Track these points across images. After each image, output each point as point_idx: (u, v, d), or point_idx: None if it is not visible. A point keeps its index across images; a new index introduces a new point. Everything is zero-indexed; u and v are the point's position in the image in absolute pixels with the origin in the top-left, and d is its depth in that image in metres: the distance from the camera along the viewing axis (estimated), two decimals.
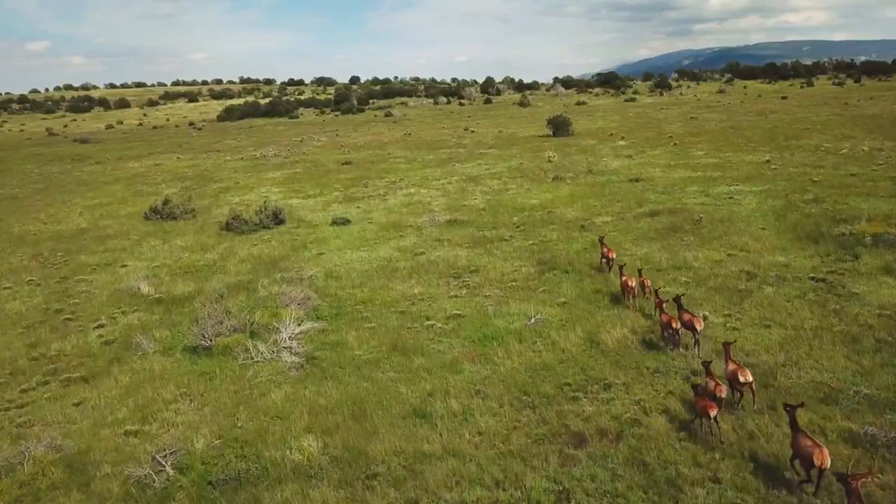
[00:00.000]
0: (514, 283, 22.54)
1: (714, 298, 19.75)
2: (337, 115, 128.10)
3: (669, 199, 34.18)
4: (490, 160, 55.34)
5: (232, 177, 56.39)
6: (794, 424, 11.24)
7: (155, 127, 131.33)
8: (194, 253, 30.56)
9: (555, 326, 18.42)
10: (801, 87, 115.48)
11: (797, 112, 76.56)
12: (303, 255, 28.72)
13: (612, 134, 66.64)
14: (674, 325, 16.15)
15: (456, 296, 21.85)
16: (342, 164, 59.49)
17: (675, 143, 55.15)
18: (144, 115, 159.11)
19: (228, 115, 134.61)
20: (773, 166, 41.08)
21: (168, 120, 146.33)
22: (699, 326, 15.94)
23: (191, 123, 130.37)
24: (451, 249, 27.68)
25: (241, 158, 70.34)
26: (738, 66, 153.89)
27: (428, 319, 19.83)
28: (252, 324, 19.24)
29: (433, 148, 67.89)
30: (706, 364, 13.69)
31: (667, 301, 17.40)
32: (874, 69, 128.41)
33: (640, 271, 20.33)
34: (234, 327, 18.99)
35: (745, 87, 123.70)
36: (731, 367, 13.66)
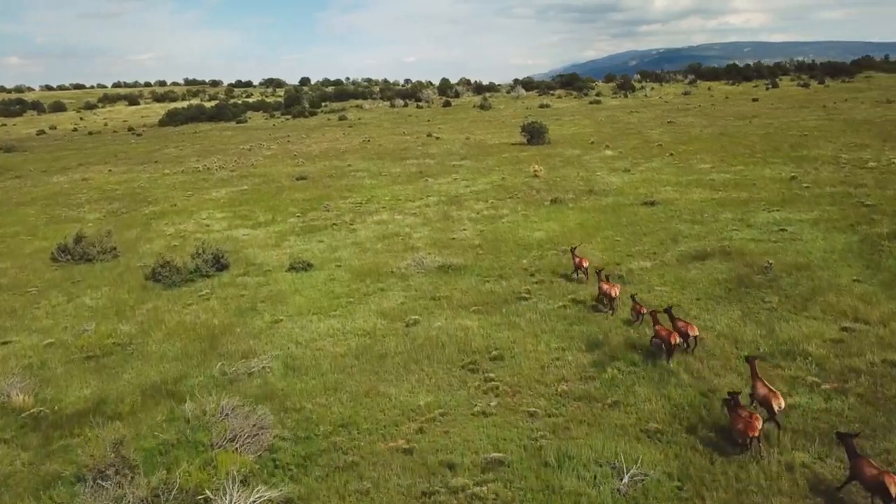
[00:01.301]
0: (564, 387, 15.28)
1: (876, 418, 12.88)
2: (288, 119, 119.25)
3: (706, 231, 27.44)
4: (466, 174, 48.09)
5: (169, 196, 47.93)
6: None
7: (91, 132, 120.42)
8: (106, 320, 22.52)
9: (666, 495, 11.22)
10: (767, 89, 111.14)
11: (780, 116, 71.22)
12: (252, 325, 20.99)
13: (593, 142, 60.05)
14: (673, 339, 15.70)
15: (484, 412, 14.50)
16: (297, 178, 51.52)
17: (670, 154, 48.73)
18: (81, 119, 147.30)
19: (171, 119, 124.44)
20: (803, 184, 34.83)
21: (106, 124, 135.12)
22: (693, 332, 16.08)
23: (130, 129, 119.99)
24: (455, 315, 20.31)
25: (182, 171, 61.68)
26: (701, 67, 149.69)
27: (451, 470, 12.42)
28: (170, 494, 11.56)
29: (398, 158, 60.31)
30: (733, 397, 12.42)
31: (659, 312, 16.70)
32: (836, 70, 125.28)
33: (633, 296, 19.10)
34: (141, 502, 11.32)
35: (709, 89, 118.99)
36: (762, 389, 12.67)
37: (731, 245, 25.02)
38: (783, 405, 12.48)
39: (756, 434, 11.65)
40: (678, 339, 15.73)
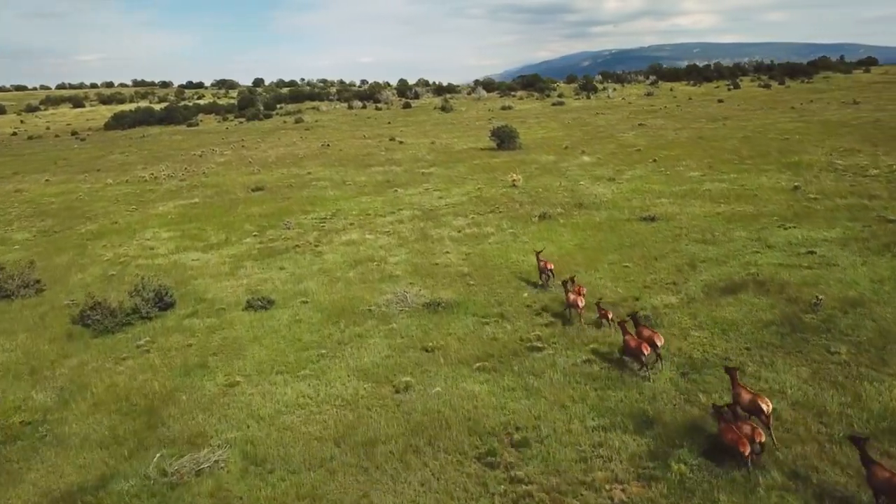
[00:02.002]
0: (621, 495, 11.40)
1: None
2: (241, 122, 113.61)
3: (724, 254, 23.97)
4: (439, 183, 44.11)
5: (110, 211, 42.86)
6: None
7: (31, 137, 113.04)
8: (16, 384, 17.94)
9: None
10: (730, 90, 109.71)
11: (752, 118, 68.95)
12: (201, 391, 16.66)
13: (566, 147, 56.61)
14: (645, 350, 15.17)
15: None
16: (252, 189, 46.88)
17: (653, 160, 45.50)
18: (21, 122, 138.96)
19: (118, 122, 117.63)
20: (809, 195, 31.78)
21: (48, 128, 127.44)
22: (660, 342, 15.60)
23: (74, 133, 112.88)
24: (456, 375, 16.30)
25: (127, 181, 56.39)
26: (661, 68, 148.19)
27: None
28: None
29: (361, 165, 55.99)
30: (718, 410, 12.33)
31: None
32: (795, 71, 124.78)
33: (597, 302, 18.90)
34: None
35: (671, 90, 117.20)
36: (746, 395, 12.58)
37: (761, 272, 21.53)
38: (771, 408, 12.31)
39: (747, 449, 11.34)
40: (650, 350, 15.33)
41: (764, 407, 12.24)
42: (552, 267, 22.11)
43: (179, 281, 26.19)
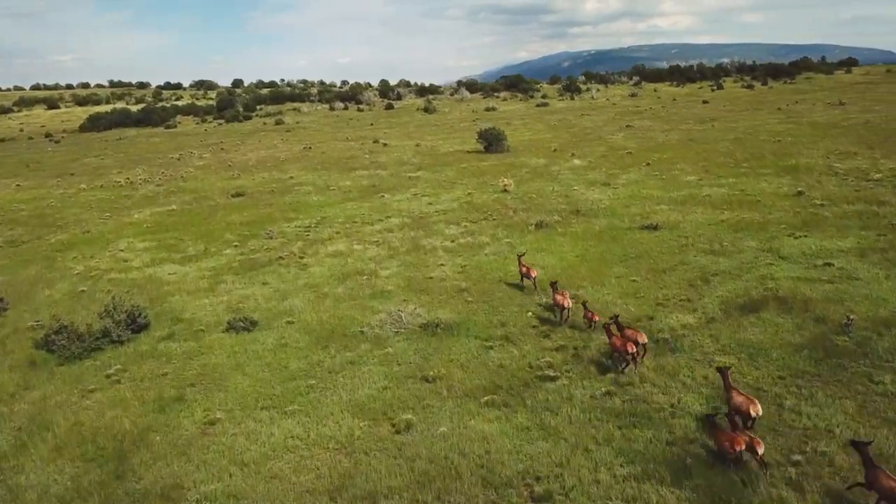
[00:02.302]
0: None
1: None
2: (221, 124, 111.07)
3: (736, 266, 22.53)
4: (427, 188, 42.43)
5: (82, 220, 40.69)
6: None
7: (3, 139, 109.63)
8: None
9: None
10: (713, 91, 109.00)
11: (740, 119, 67.98)
12: (178, 431, 14.84)
13: (555, 149, 55.17)
14: (630, 349, 15.29)
15: None
16: (233, 195, 44.90)
17: (647, 164, 44.15)
18: None
19: (94, 124, 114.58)
20: (814, 201, 30.52)
21: (21, 130, 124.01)
22: (642, 340, 15.76)
23: (48, 135, 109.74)
24: (462, 411, 14.64)
25: (101, 186, 54.10)
26: (644, 69, 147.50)
27: None
28: None
29: (345, 168, 54.17)
30: (711, 419, 12.20)
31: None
32: (777, 72, 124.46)
33: (584, 303, 18.67)
34: None
35: (655, 90, 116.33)
36: (738, 397, 12.54)
37: (780, 287, 20.08)
38: (760, 411, 12.33)
39: (742, 447, 11.34)
40: (634, 349, 15.40)
41: (753, 412, 12.29)
42: (535, 274, 21.82)
43: (155, 298, 24.30)
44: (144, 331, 20.87)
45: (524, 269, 21.91)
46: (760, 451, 11.34)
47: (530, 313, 19.80)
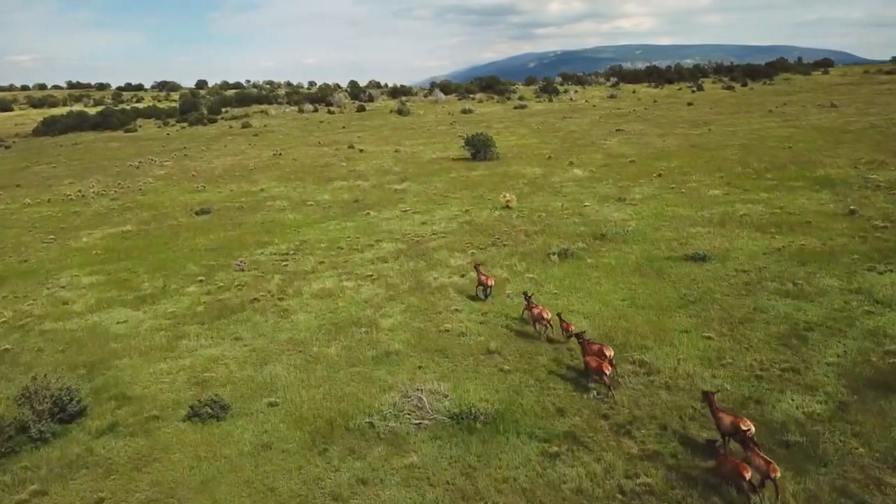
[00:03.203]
0: None
1: None
2: (184, 128, 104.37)
3: (828, 317, 17.97)
4: (417, 204, 37.37)
5: (21, 244, 34.78)
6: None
7: None
8: None
9: None
10: (693, 92, 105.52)
11: (735, 123, 64.10)
12: None
13: (549, 157, 50.49)
14: (605, 369, 14.51)
15: None
16: (197, 212, 39.28)
17: (658, 175, 39.67)
18: None
19: (48, 128, 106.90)
20: (873, 221, 26.41)
21: None
22: (609, 353, 15.07)
23: None
24: None
25: (49, 200, 47.92)
26: (622, 70, 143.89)
27: None
28: None
29: (321, 178, 48.82)
30: (712, 444, 11.63)
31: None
32: (755, 73, 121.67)
33: (559, 314, 17.96)
34: None
35: (634, 91, 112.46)
36: (728, 418, 11.98)
37: None
38: (752, 429, 11.69)
39: (748, 475, 10.66)
40: (610, 369, 14.62)
41: (744, 427, 11.68)
42: (492, 283, 21.38)
43: (97, 361, 18.88)
44: (79, 419, 15.47)
45: (482, 278, 21.27)
46: (775, 475, 10.68)
47: (594, 393, 14.87)
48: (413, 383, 15.62)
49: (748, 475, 10.61)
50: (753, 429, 11.77)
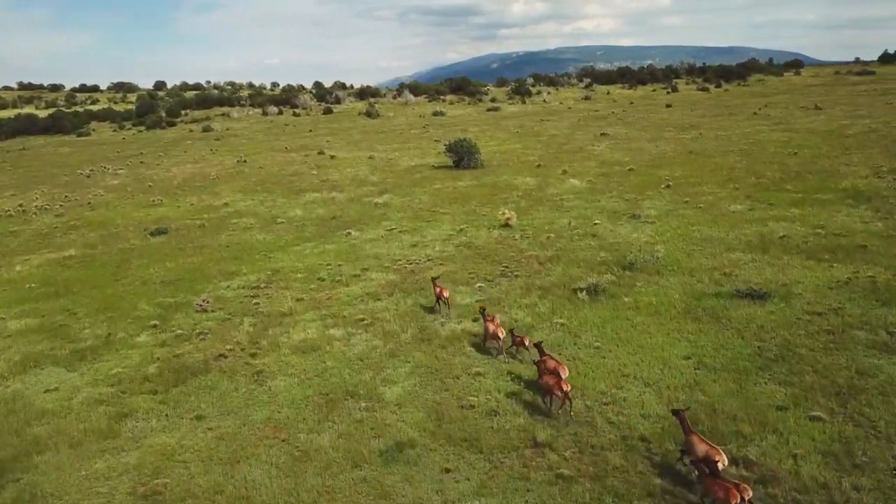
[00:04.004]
0: None
1: None
2: (141, 131, 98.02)
3: None
4: (403, 221, 32.94)
5: None
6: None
7: None
8: None
9: None
10: (668, 93, 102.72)
11: (725, 127, 60.91)
12: None
13: (539, 165, 46.46)
14: (564, 387, 13.64)
15: None
16: (152, 233, 34.24)
17: (666, 186, 35.84)
18: None
19: None
20: None
21: None
22: (564, 373, 14.03)
23: None
24: None
25: None
26: (594, 71, 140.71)
27: None
28: None
29: (292, 190, 44.04)
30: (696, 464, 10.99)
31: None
32: (727, 74, 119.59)
33: (511, 331, 17.00)
34: None
35: (608, 93, 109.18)
36: (702, 446, 11.16)
37: None
38: (727, 462, 10.95)
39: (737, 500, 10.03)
40: (568, 388, 13.67)
41: (718, 460, 10.73)
42: (447, 295, 20.22)
43: (11, 458, 14.05)
44: None
45: (438, 290, 20.07)
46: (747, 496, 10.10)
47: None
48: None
49: (736, 500, 10.04)
50: (726, 461, 11.03)
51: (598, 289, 20.54)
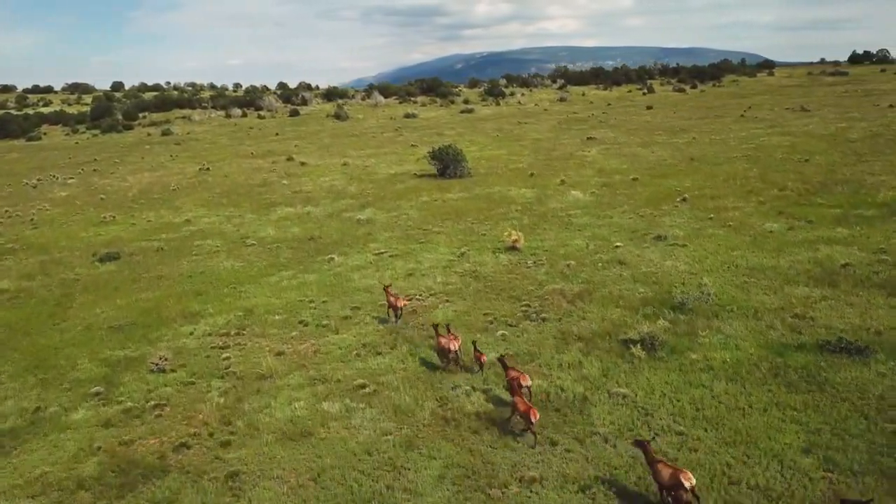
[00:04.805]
0: None
1: None
2: (95, 135, 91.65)
3: None
4: (393, 242, 28.62)
5: None
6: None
7: None
8: None
9: None
10: (644, 94, 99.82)
11: (720, 131, 57.72)
12: None
13: (532, 174, 42.52)
14: (534, 416, 12.57)
15: None
16: (101, 259, 29.38)
17: (683, 199, 32.10)
18: None
19: None
20: None
21: None
22: (525, 382, 13.65)
23: None
24: None
25: None
26: (567, 71, 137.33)
27: None
28: None
29: (261, 204, 39.32)
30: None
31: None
32: (701, 74, 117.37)
33: (474, 342, 16.35)
34: None
35: (583, 94, 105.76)
36: (666, 469, 10.60)
37: None
38: (694, 482, 10.27)
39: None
40: (538, 416, 12.68)
41: (686, 483, 10.18)
42: (402, 304, 19.20)
43: None
44: None
45: (391, 300, 19.24)
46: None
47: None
48: None
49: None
50: (695, 481, 10.28)
51: (655, 341, 16.45)
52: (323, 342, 18.78)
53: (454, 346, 15.84)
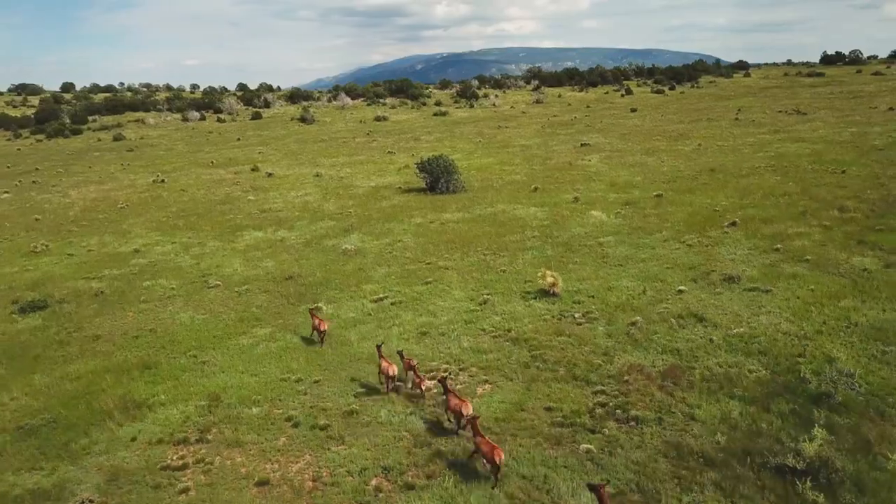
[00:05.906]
0: None
1: None
2: (40, 141, 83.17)
3: None
4: (393, 283, 22.70)
5: None
6: None
7: None
8: None
9: None
10: (622, 96, 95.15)
11: (722, 137, 52.97)
12: None
13: (535, 188, 36.87)
14: (498, 456, 11.31)
15: None
16: (23, 308, 22.92)
17: (732, 223, 26.80)
18: None
19: None
20: None
21: None
22: (466, 411, 12.72)
23: None
24: None
25: None
26: (541, 72, 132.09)
27: None
28: None
29: (225, 227, 32.99)
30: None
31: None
32: (678, 75, 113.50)
33: (400, 352, 15.61)
34: None
35: (560, 96, 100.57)
36: None
37: None
38: None
39: None
40: (503, 457, 11.42)
41: None
42: (326, 327, 17.92)
43: None
44: None
45: (316, 322, 17.90)
46: None
47: None
48: None
49: None
50: None
51: (829, 467, 10.84)
52: (324, 460, 12.82)
53: (394, 370, 15.01)
